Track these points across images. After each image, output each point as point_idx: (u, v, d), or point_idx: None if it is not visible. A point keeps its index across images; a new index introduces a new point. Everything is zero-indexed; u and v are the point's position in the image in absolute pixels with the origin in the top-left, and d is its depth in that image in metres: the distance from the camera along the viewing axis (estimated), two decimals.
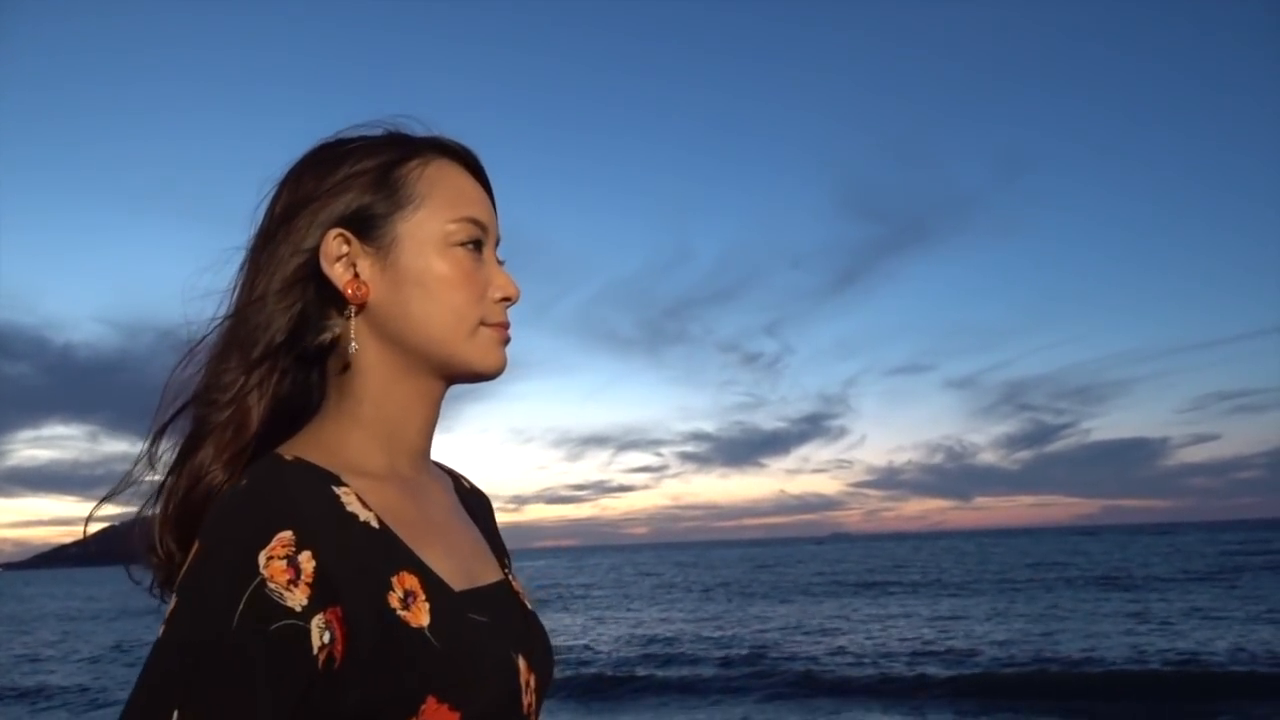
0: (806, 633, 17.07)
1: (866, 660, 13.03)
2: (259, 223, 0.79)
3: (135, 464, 0.76)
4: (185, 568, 0.64)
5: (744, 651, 14.52)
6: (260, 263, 0.76)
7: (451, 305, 0.77)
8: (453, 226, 0.78)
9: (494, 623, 0.76)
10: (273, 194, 0.79)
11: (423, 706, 0.66)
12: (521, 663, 0.76)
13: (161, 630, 0.62)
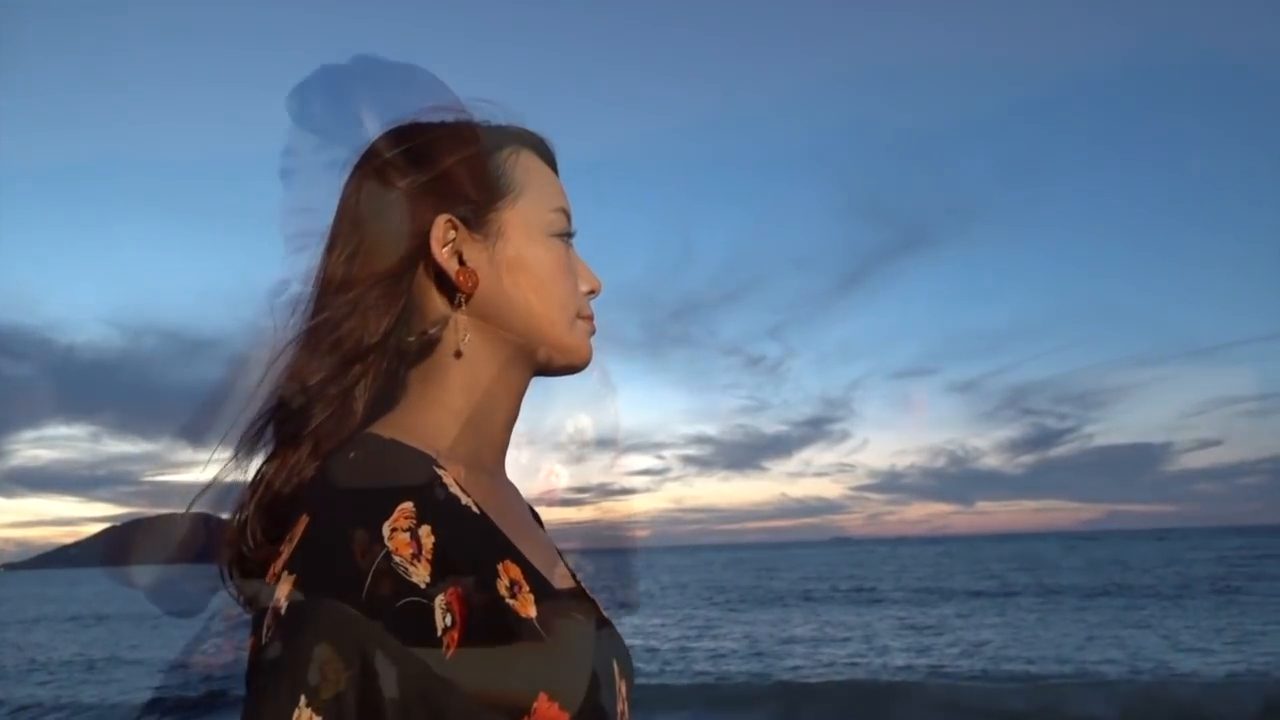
0: (796, 640, 17.11)
1: (857, 666, 13.06)
2: (344, 209, 0.74)
3: (238, 446, 0.71)
4: (299, 541, 0.60)
5: (734, 657, 14.53)
6: (358, 250, 0.71)
7: (556, 296, 0.76)
8: (552, 216, 0.77)
9: (589, 623, 0.72)
10: (356, 179, 0.74)
11: (535, 704, 0.61)
12: (615, 667, 0.73)
13: (283, 604, 0.57)
